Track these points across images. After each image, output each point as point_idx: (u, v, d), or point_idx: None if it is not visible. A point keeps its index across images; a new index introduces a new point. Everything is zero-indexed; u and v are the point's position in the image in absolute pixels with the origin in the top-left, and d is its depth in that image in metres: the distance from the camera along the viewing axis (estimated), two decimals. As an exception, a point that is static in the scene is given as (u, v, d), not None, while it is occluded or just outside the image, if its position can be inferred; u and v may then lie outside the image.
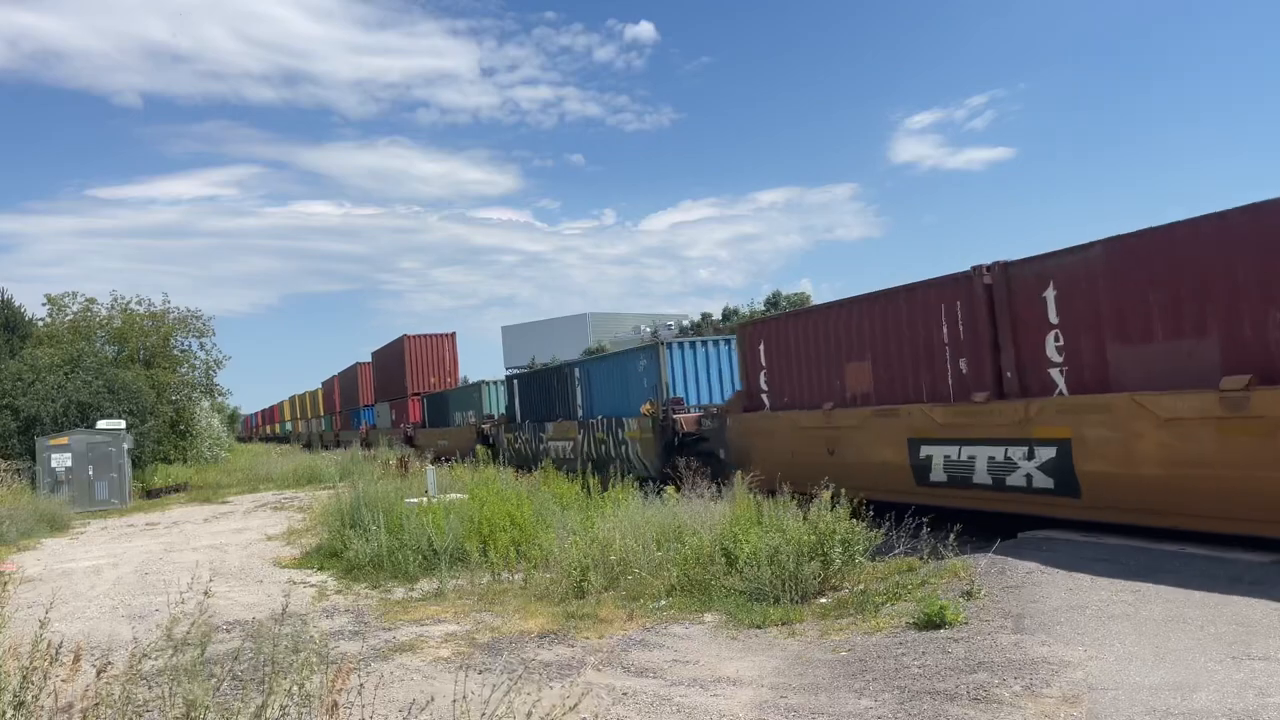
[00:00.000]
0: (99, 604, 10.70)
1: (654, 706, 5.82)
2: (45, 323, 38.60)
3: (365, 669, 6.72)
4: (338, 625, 8.77)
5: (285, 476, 29.54)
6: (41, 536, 18.11)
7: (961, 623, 6.89)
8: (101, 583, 12.22)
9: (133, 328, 38.12)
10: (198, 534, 17.33)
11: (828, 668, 6.34)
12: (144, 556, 14.55)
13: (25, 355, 31.49)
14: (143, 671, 4.23)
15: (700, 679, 6.33)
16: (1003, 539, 9.26)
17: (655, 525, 10.17)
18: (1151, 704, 4.97)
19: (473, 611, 8.96)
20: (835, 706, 5.54)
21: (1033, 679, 5.57)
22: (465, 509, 12.11)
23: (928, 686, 5.68)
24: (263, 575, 12.05)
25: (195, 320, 39.87)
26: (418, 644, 7.81)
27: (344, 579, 11.24)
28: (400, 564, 11.12)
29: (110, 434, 25.86)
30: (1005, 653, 6.12)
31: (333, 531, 13.13)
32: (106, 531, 19.06)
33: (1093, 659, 5.80)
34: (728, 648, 7.12)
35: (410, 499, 13.23)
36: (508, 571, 10.50)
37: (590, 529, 10.71)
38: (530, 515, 11.95)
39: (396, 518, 12.10)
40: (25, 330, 39.05)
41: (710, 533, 9.50)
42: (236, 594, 10.69)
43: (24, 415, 27.65)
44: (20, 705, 3.87)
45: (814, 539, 8.57)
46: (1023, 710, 5.14)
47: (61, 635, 7.09)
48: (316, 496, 20.90)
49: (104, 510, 24.06)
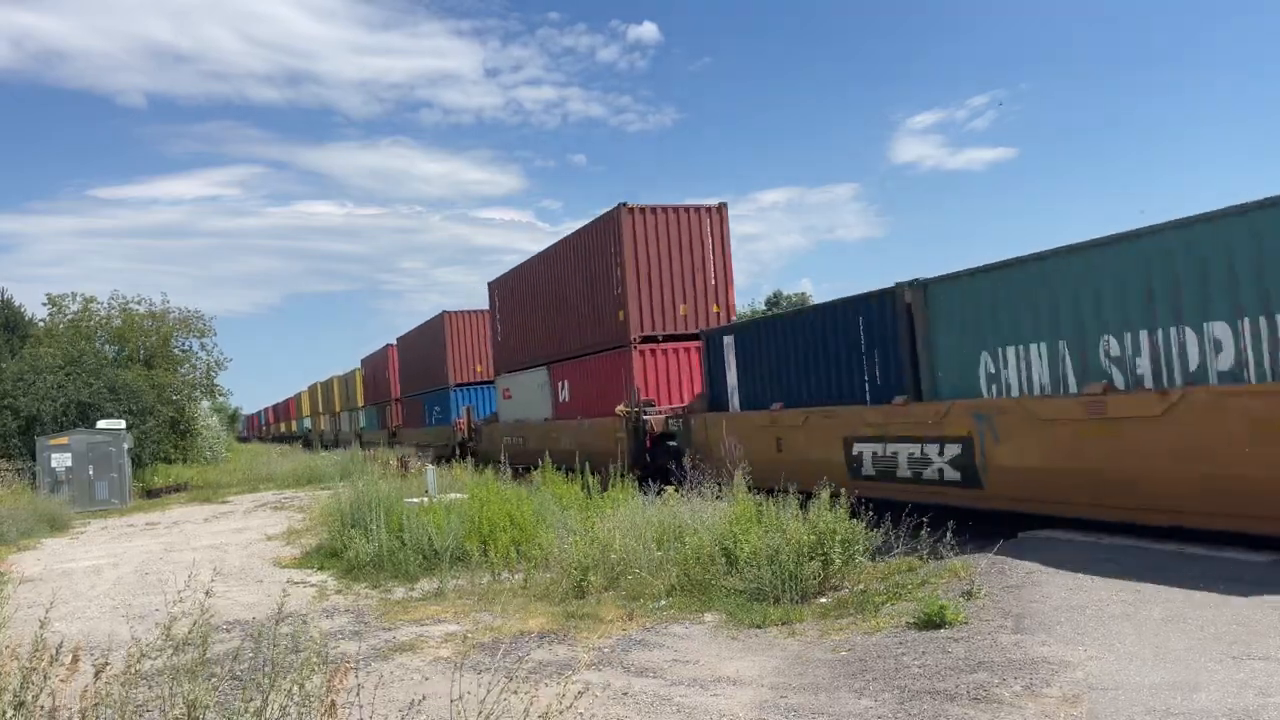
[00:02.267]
0: (99, 604, 10.70)
1: (654, 706, 5.82)
2: (45, 322, 38.64)
3: (365, 669, 6.72)
4: (338, 625, 8.77)
5: (285, 476, 29.55)
6: (41, 536, 18.12)
7: (962, 623, 6.89)
8: (101, 583, 12.22)
9: (133, 327, 38.17)
10: (198, 534, 17.34)
11: (828, 667, 6.34)
12: (144, 556, 14.55)
13: (25, 355, 31.51)
14: (143, 671, 4.23)
15: (700, 679, 6.33)
16: (1003, 539, 9.26)
17: (655, 525, 10.18)
18: (1151, 704, 4.96)
19: (473, 611, 8.96)
20: (835, 706, 5.54)
21: (1033, 679, 5.57)
22: (465, 509, 12.11)
23: (928, 686, 5.69)
24: (263, 575, 12.05)
25: (196, 320, 39.97)
26: (418, 644, 7.81)
27: (344, 579, 11.24)
28: (400, 564, 11.12)
29: (110, 434, 25.87)
30: (1005, 652, 6.12)
31: (333, 531, 13.13)
32: (106, 531, 19.07)
33: (1093, 659, 5.79)
34: (728, 648, 7.12)
35: (410, 499, 13.24)
36: (508, 571, 10.50)
37: (590, 529, 10.71)
38: (530, 515, 11.96)
39: (396, 518, 12.11)
40: (25, 330, 39.07)
41: (710, 533, 9.50)
42: (236, 594, 10.69)
43: (24, 415, 27.66)
44: (20, 705, 3.87)
45: (814, 539, 8.57)
46: (1023, 710, 5.14)
47: (61, 635, 7.09)
48: (316, 496, 20.91)
49: (104, 510, 24.06)
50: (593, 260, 20.40)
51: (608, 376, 19.50)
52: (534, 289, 24.71)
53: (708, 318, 18.81)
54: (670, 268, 18.79)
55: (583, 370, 21.12)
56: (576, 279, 21.45)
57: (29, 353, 31.89)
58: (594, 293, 20.35)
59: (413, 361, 38.24)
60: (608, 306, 19.57)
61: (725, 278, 19.15)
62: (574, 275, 21.56)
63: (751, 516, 9.67)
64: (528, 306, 25.31)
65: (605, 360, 19.72)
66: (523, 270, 25.88)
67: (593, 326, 20.51)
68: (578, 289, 21.37)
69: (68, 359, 30.30)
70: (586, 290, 20.80)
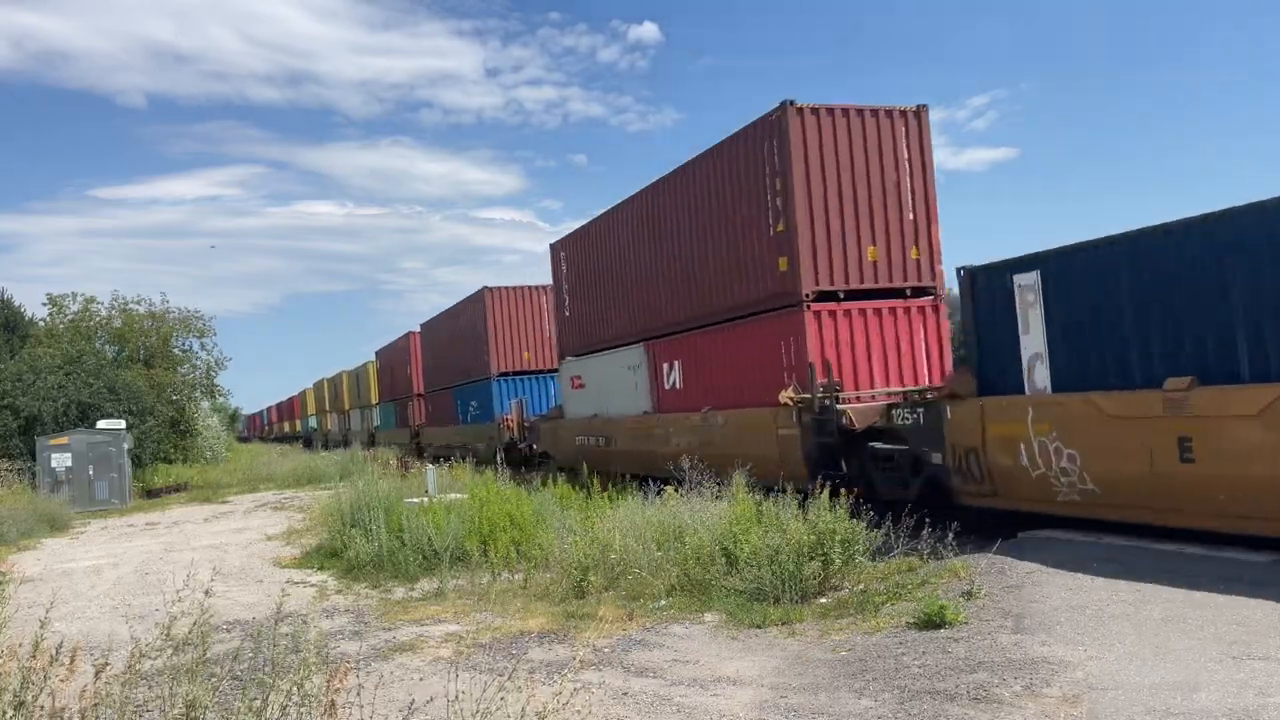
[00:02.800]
0: (99, 604, 10.70)
1: (654, 706, 5.82)
2: (45, 322, 38.65)
3: (365, 669, 6.72)
4: (338, 625, 8.77)
5: (285, 476, 29.53)
6: (41, 536, 18.11)
7: (961, 623, 6.89)
8: (102, 583, 12.22)
9: (133, 328, 38.18)
10: (198, 534, 17.33)
11: (828, 667, 6.34)
12: (144, 556, 14.55)
13: (25, 355, 31.51)
14: (142, 671, 4.23)
15: (700, 679, 6.33)
16: (1003, 539, 9.25)
17: (655, 525, 10.17)
18: (1151, 704, 4.96)
19: (473, 611, 8.96)
20: (835, 706, 5.54)
21: (1033, 679, 5.57)
22: (465, 509, 12.11)
23: (928, 686, 5.68)
24: (263, 575, 12.05)
25: (196, 320, 39.98)
26: (418, 644, 7.81)
27: (344, 579, 11.24)
28: (400, 564, 11.12)
29: (110, 434, 25.86)
30: (1005, 652, 6.12)
31: (333, 531, 13.12)
32: (106, 531, 19.06)
33: (1093, 659, 5.79)
34: (728, 647, 7.12)
35: (410, 499, 13.23)
36: (508, 571, 10.50)
37: (590, 529, 10.71)
38: (530, 515, 11.96)
39: (396, 518, 12.11)
40: (25, 330, 39.07)
41: (710, 533, 9.50)
42: (236, 594, 10.69)
43: (24, 415, 27.64)
44: (20, 705, 3.87)
45: (814, 539, 8.57)
46: (1023, 710, 5.14)
47: (61, 635, 7.09)
48: (316, 496, 20.89)
49: (104, 510, 24.05)
50: (734, 189, 14.70)
51: (757, 351, 14.18)
52: (622, 244, 19.10)
53: (904, 267, 13.55)
54: (855, 196, 13.39)
55: (709, 345, 15.73)
56: (701, 219, 15.76)
57: (29, 353, 31.89)
58: (734, 236, 14.74)
59: (441, 350, 33.40)
60: (759, 253, 14.06)
61: (927, 211, 13.70)
62: (696, 215, 15.95)
63: (751, 516, 9.66)
64: (613, 269, 19.60)
65: (753, 329, 14.37)
66: (605, 223, 20.03)
67: (730, 284, 14.92)
68: (703, 233, 15.71)
69: (68, 359, 30.30)
70: (720, 234, 15.17)
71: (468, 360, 29.33)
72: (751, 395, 14.03)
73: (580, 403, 21.05)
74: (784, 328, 13.50)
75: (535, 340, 27.41)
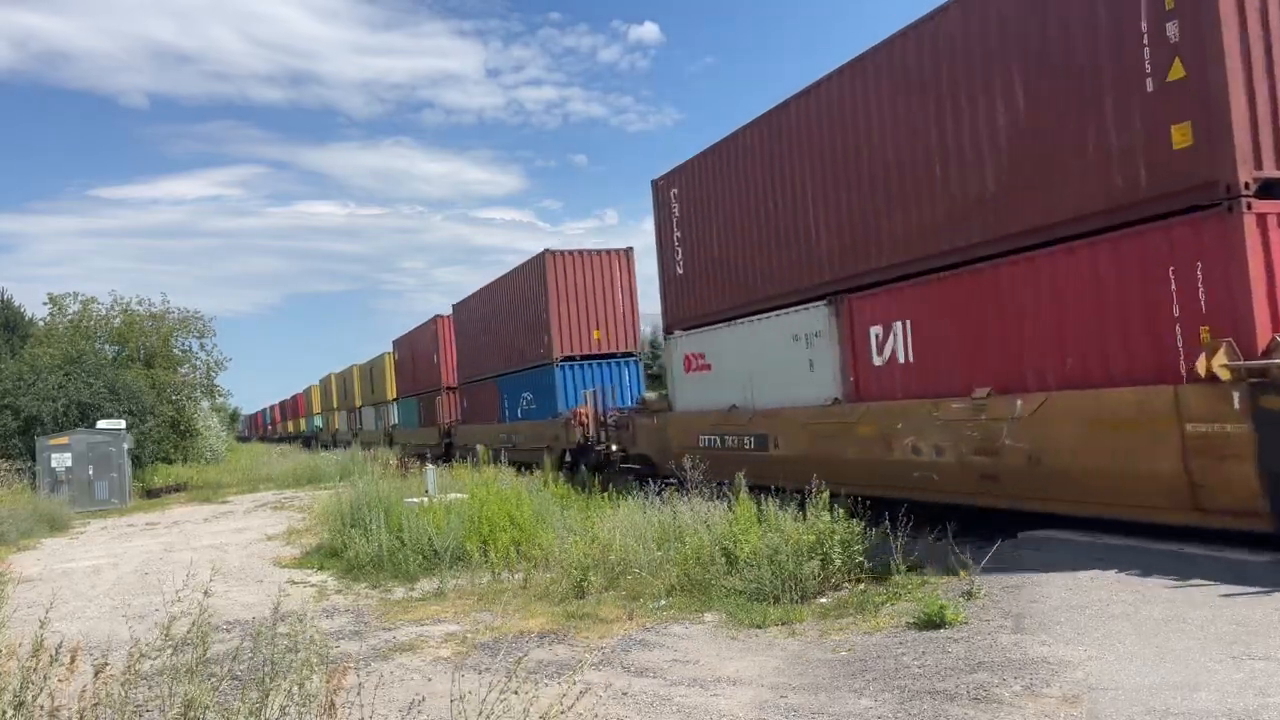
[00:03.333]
0: (99, 604, 10.70)
1: (654, 706, 5.82)
2: (45, 322, 38.68)
3: (365, 669, 6.72)
4: (338, 625, 8.77)
5: (285, 476, 29.54)
6: (41, 536, 18.12)
7: (961, 622, 6.89)
8: (101, 583, 12.22)
9: (133, 328, 38.19)
10: (198, 534, 17.33)
11: (828, 667, 6.34)
12: (144, 556, 14.55)
13: (25, 355, 31.53)
14: (142, 671, 4.23)
15: (700, 679, 6.34)
16: (1003, 539, 9.25)
17: (655, 525, 10.18)
18: (1151, 704, 4.97)
19: (473, 611, 8.96)
20: (835, 706, 5.54)
21: (1033, 679, 5.57)
22: (465, 509, 12.12)
23: (928, 686, 5.69)
24: (263, 575, 12.05)
25: (196, 321, 40.00)
26: (418, 644, 7.81)
27: (344, 579, 11.25)
28: (400, 564, 11.12)
29: (110, 434, 25.88)
30: (1005, 652, 6.12)
31: (333, 531, 13.13)
32: (106, 531, 19.07)
33: (1093, 659, 5.80)
34: (728, 647, 7.12)
35: (410, 499, 13.24)
36: (508, 571, 10.50)
37: (590, 529, 10.71)
38: (530, 515, 11.96)
39: (396, 517, 12.11)
40: (25, 330, 39.10)
41: (710, 533, 9.50)
42: (236, 593, 10.70)
43: (24, 415, 27.66)
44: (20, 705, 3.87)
45: (813, 539, 8.57)
46: (1023, 710, 5.14)
47: (61, 635, 7.08)
48: (316, 496, 20.90)
49: (104, 510, 24.06)
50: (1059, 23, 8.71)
51: (1113, 290, 8.43)
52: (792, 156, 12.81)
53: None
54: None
55: (988, 288, 9.74)
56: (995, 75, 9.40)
57: (29, 353, 31.92)
58: (1059, 97, 8.76)
59: (481, 334, 28.20)
60: (1122, 119, 8.23)
61: None
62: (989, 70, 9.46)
63: (751, 517, 9.66)
64: (770, 196, 13.39)
65: (1100, 254, 8.55)
66: (753, 134, 13.82)
67: (1041, 182, 9.00)
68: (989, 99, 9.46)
69: (68, 359, 30.32)
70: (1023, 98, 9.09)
71: (520, 342, 24.45)
72: (1098, 367, 8.59)
73: (702, 390, 15.57)
74: (1183, 245, 7.88)
75: (609, 317, 22.58)
